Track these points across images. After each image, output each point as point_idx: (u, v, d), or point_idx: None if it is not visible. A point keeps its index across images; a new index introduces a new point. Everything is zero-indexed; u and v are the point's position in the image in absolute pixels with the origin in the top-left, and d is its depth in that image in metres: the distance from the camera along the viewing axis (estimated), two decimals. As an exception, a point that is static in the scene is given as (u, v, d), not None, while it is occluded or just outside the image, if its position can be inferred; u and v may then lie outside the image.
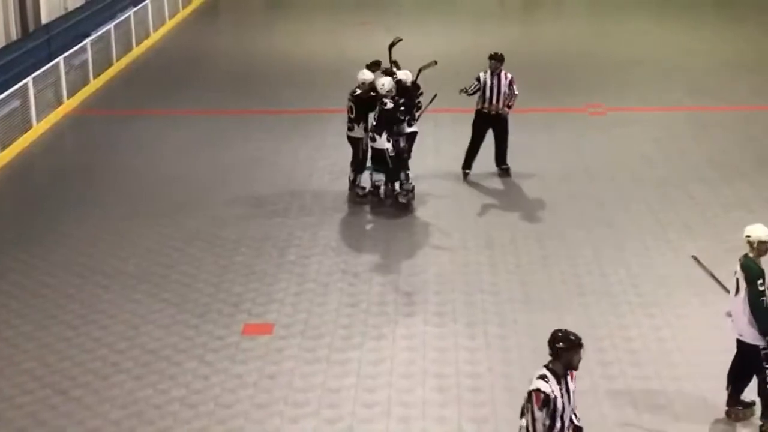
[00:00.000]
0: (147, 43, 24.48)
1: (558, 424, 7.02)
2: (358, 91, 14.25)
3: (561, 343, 6.92)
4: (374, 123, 13.90)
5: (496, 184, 15.20)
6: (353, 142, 14.38)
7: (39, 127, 17.96)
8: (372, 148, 13.95)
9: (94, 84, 20.89)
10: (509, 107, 14.90)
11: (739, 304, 8.96)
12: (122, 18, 23.24)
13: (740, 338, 9.03)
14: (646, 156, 16.17)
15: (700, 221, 13.53)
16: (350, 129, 14.36)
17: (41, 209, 14.52)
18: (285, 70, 21.87)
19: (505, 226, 13.65)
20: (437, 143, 16.81)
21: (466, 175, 15.27)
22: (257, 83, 21.10)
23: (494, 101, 14.82)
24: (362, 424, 9.15)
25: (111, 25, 22.38)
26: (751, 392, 9.03)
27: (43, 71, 18.49)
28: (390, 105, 13.67)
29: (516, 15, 27.42)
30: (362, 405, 9.43)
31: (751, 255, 8.92)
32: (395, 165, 13.86)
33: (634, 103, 18.89)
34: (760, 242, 8.89)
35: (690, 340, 10.48)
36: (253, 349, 10.44)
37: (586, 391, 9.45)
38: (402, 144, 13.99)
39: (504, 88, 14.77)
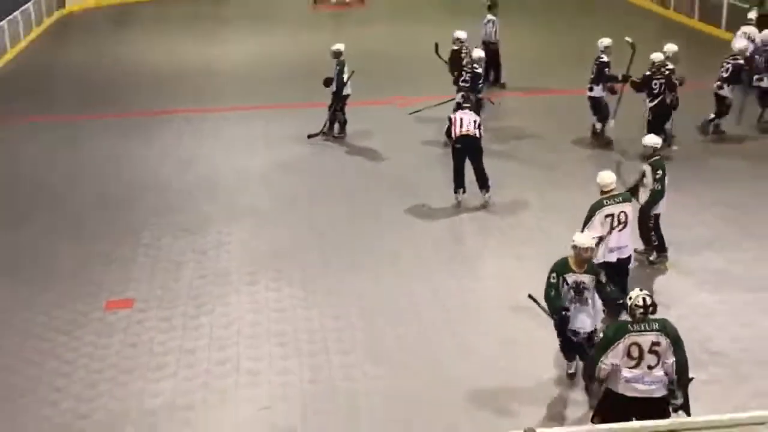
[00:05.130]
0: (3, 60, 23.36)
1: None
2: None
3: None
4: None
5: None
6: None
7: None
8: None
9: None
10: None
11: (628, 232, 9.88)
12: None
13: (631, 254, 10.09)
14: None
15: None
16: None
17: None
18: (131, 78, 21.40)
19: (324, 201, 13.86)
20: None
21: None
22: (107, 90, 20.51)
23: None
24: (216, 379, 9.26)
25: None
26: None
27: None
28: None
29: (322, 26, 27.41)
30: (215, 363, 9.54)
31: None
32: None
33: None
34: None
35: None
36: (115, 323, 10.39)
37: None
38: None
39: None
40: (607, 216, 9.63)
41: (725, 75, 15.66)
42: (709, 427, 6.09)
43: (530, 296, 8.55)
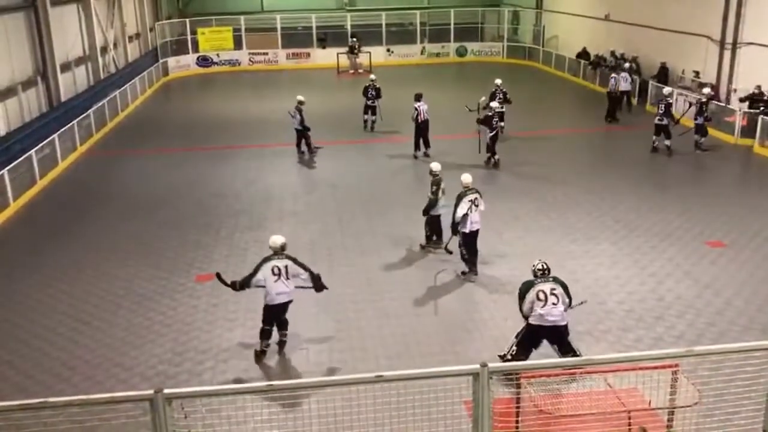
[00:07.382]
0: (128, 110, 23.30)
1: None
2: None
3: None
4: None
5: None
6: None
7: (63, 163, 16.98)
8: None
9: (96, 136, 19.78)
10: None
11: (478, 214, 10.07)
12: (111, 96, 22.08)
13: (480, 228, 10.11)
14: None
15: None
16: None
17: (76, 206, 13.92)
18: (212, 123, 21.30)
19: (343, 206, 13.59)
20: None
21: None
22: (196, 131, 20.40)
23: None
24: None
25: (105, 101, 21.28)
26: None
27: (64, 129, 17.58)
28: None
29: (345, 88, 27.36)
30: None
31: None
32: None
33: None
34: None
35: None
36: (202, 289, 10.30)
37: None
38: None
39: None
40: (469, 200, 9.92)
41: (662, 111, 15.93)
42: (607, 362, 6.03)
43: (217, 274, 7.80)
